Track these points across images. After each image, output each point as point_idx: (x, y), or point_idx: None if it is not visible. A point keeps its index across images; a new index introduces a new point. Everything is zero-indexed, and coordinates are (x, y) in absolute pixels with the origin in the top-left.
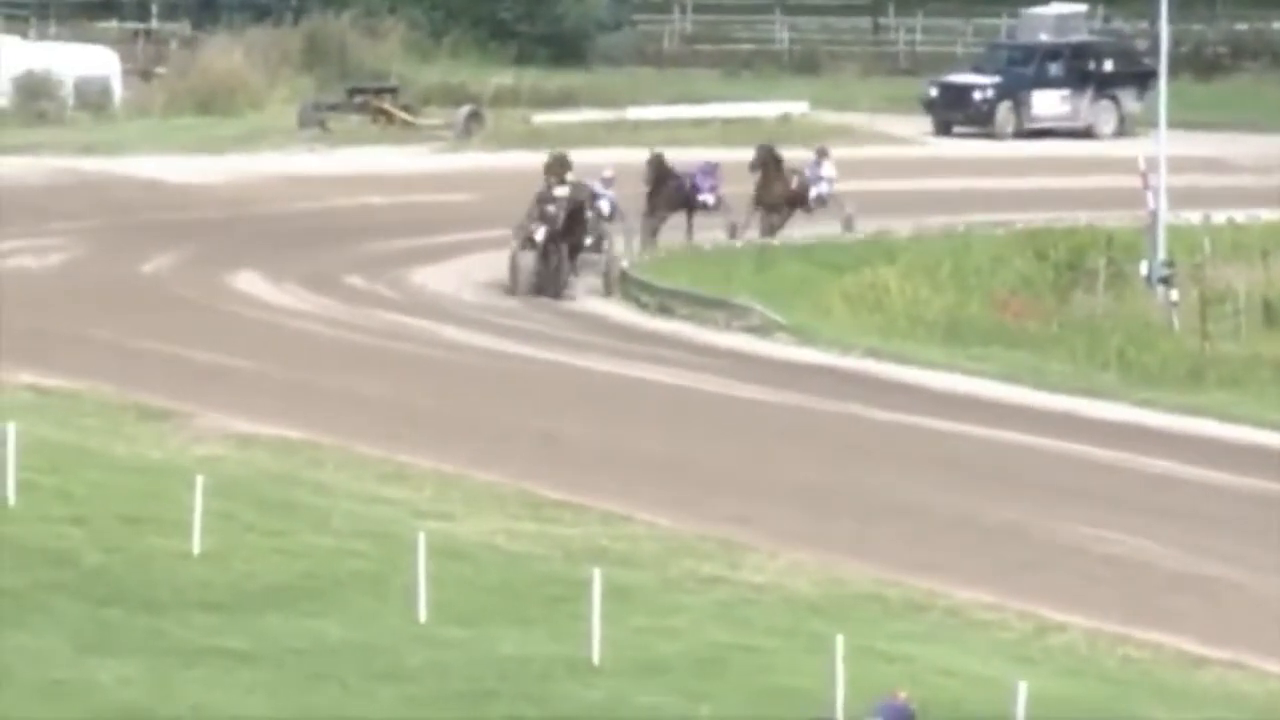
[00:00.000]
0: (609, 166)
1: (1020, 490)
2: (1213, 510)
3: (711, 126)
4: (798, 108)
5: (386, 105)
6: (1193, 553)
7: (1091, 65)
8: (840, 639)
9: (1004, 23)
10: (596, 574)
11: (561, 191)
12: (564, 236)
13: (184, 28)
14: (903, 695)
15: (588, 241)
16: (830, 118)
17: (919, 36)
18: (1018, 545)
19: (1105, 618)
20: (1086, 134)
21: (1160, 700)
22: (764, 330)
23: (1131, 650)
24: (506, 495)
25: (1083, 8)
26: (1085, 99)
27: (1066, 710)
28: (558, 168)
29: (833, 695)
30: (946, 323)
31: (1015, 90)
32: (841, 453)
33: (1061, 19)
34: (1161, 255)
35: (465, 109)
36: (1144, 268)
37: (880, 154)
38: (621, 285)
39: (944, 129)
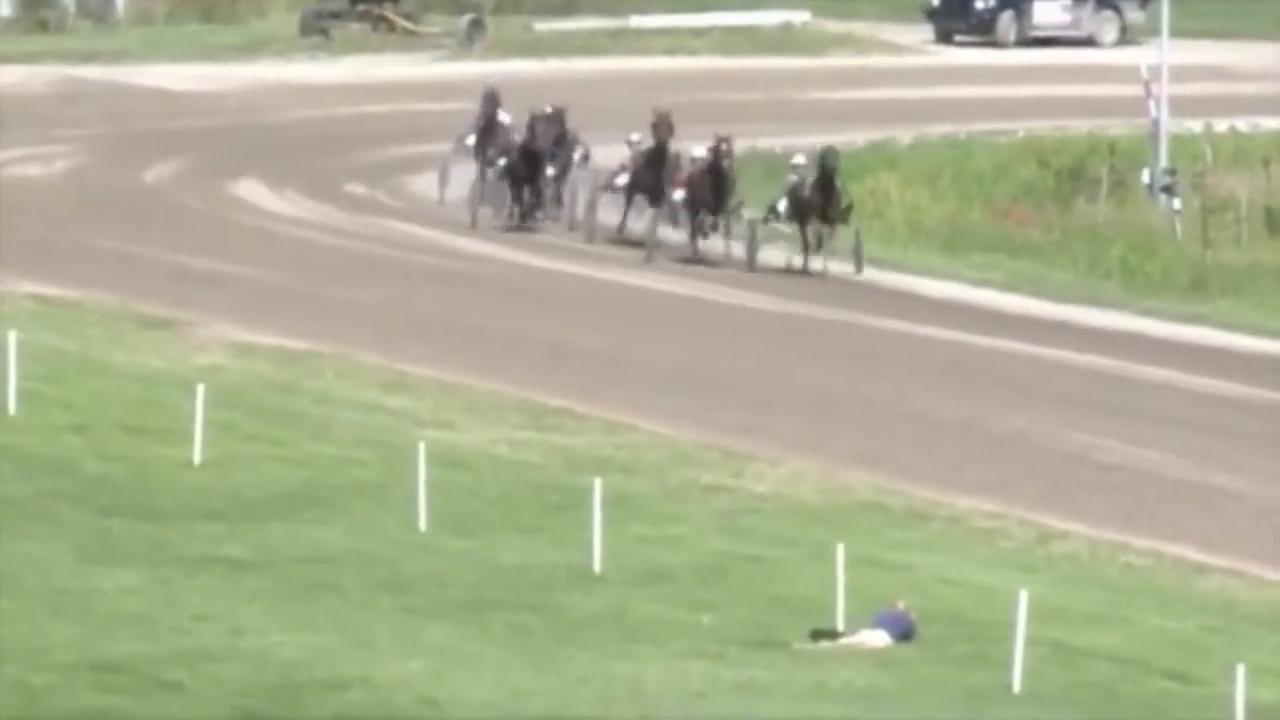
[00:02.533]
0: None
1: (1022, 399)
2: (1215, 419)
3: (712, 35)
4: (799, 16)
5: (388, 13)
6: (1194, 461)
7: None
8: (841, 548)
9: None
10: (598, 483)
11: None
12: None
13: None
14: (902, 604)
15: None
16: (832, 26)
17: None
18: (1020, 454)
19: (1106, 526)
20: (1089, 42)
21: (1160, 607)
22: (767, 239)
23: (1132, 558)
24: (508, 404)
25: None
26: (1087, 7)
27: (1067, 618)
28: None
29: (834, 604)
30: (947, 231)
31: None
32: (844, 362)
33: None
34: (1164, 164)
35: (467, 17)
36: (1146, 176)
37: (882, 63)
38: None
39: (946, 38)
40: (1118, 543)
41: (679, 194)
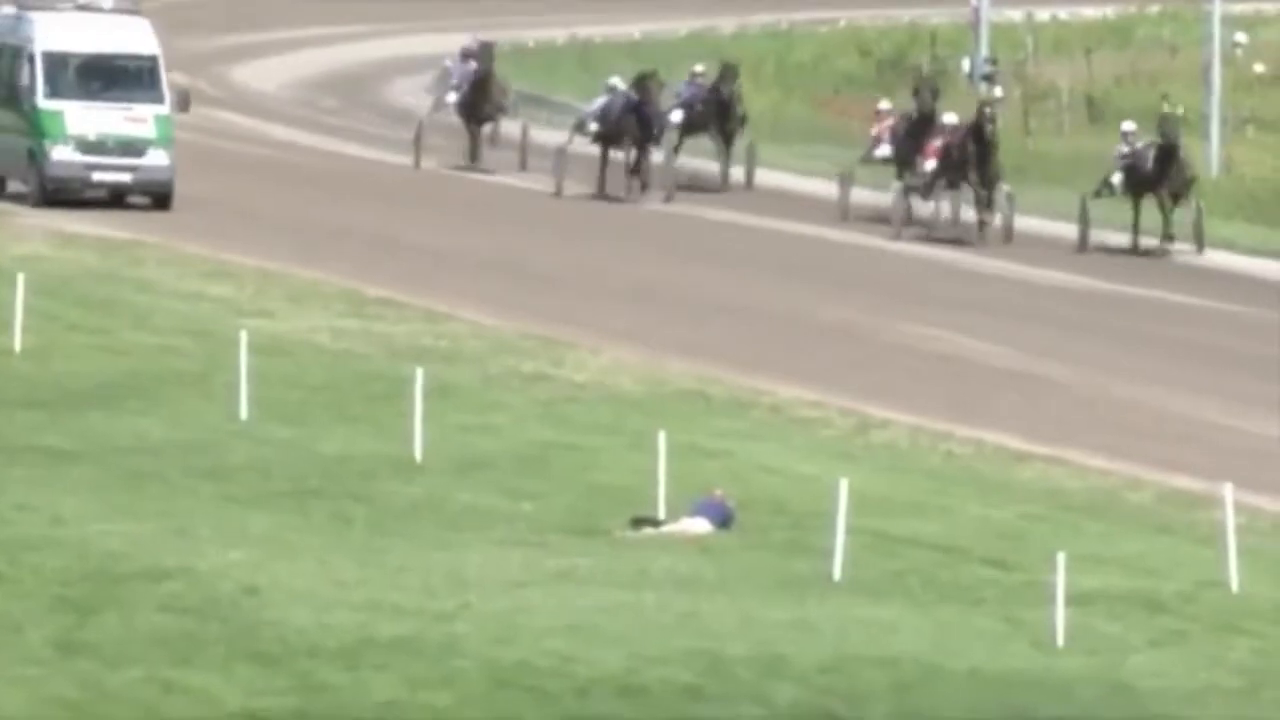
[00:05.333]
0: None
1: (847, 290)
2: (1039, 308)
3: None
4: None
5: None
6: (1017, 350)
7: None
8: (662, 436)
9: None
10: (419, 372)
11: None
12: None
13: None
14: (720, 492)
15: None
16: None
17: None
18: (843, 344)
19: (928, 415)
20: None
21: (981, 495)
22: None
23: (954, 446)
24: (330, 293)
25: None
26: None
27: (887, 506)
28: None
29: (654, 492)
30: (770, 121)
31: None
32: (670, 253)
33: None
34: (984, 53)
35: None
36: (967, 65)
37: None
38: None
39: None
40: (939, 431)
41: (930, 163)
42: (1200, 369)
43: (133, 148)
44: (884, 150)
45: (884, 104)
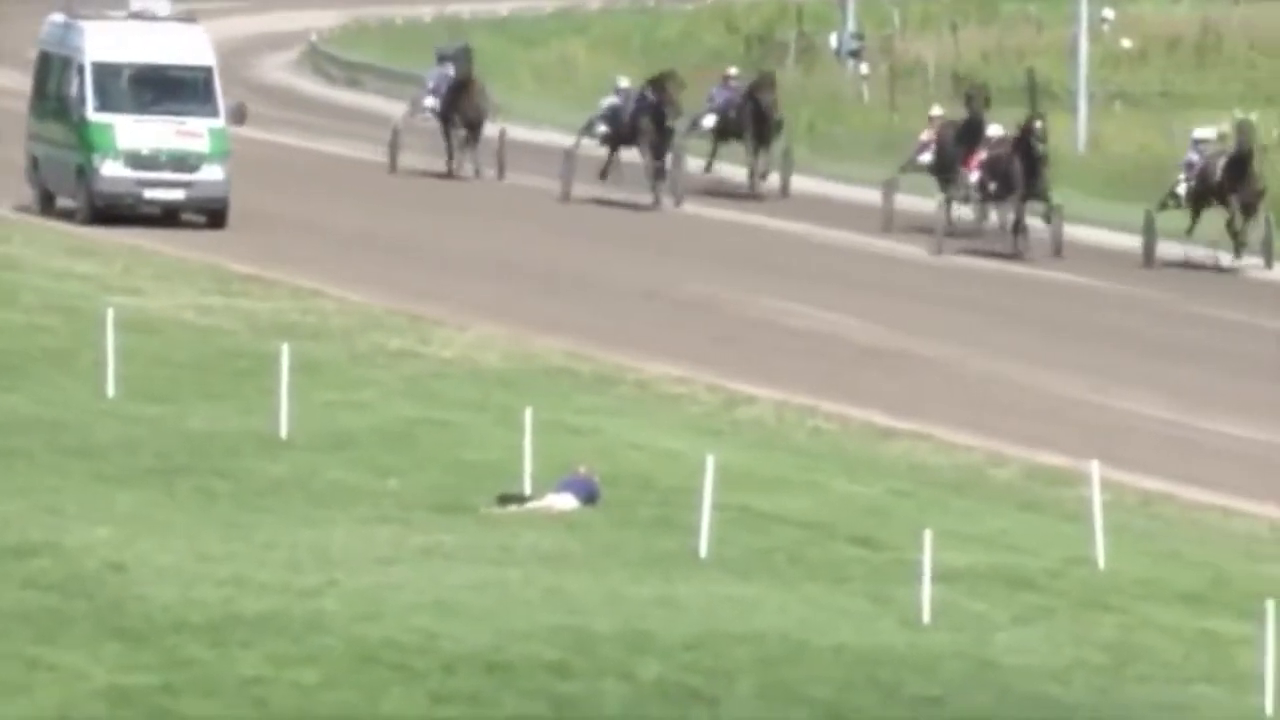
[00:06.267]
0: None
1: (713, 265)
2: (906, 284)
3: None
4: None
5: None
6: (884, 325)
7: None
8: (529, 412)
9: None
10: (285, 348)
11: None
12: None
13: None
14: (584, 469)
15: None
16: None
17: None
18: (709, 320)
19: (794, 390)
20: None
21: (847, 472)
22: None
23: (820, 422)
24: (196, 270)
25: None
26: None
27: (753, 482)
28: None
29: (521, 468)
30: None
31: None
32: (535, 229)
33: None
34: (851, 28)
35: None
36: (834, 40)
37: None
38: (311, 59)
39: None
40: (805, 407)
41: (974, 175)
42: (1066, 344)
43: (186, 163)
44: (927, 158)
45: (936, 109)
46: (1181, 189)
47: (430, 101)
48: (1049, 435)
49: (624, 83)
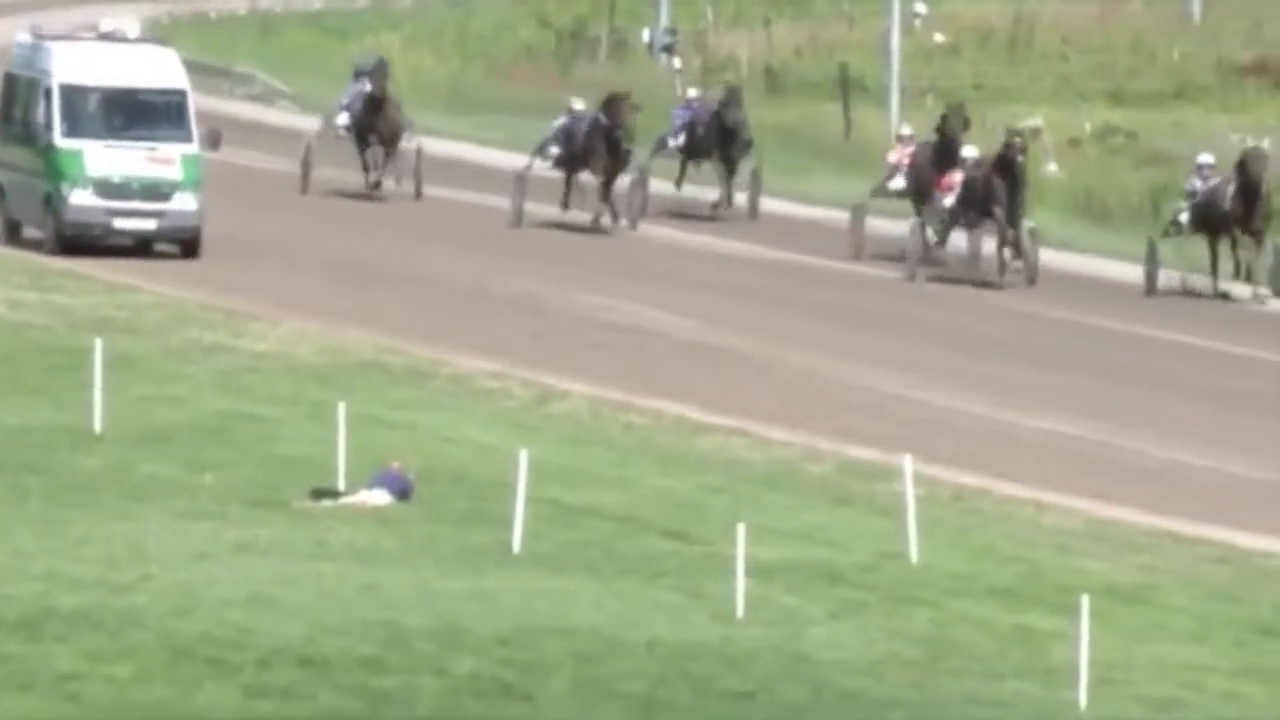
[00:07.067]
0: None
1: (529, 261)
2: (723, 280)
3: None
4: None
5: None
6: (699, 321)
7: None
8: (342, 407)
9: None
10: (98, 343)
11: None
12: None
13: None
14: (396, 464)
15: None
16: None
17: None
18: (524, 315)
19: (608, 386)
20: None
21: (661, 466)
22: (266, 98)
23: (634, 417)
24: (9, 265)
25: None
26: None
27: (567, 477)
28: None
29: (335, 463)
30: (449, 90)
31: None
32: (348, 223)
33: None
34: (664, 23)
35: None
36: (647, 35)
37: None
38: None
39: None
40: (619, 402)
41: (948, 198)
42: (878, 339)
43: (158, 192)
44: (899, 182)
45: (905, 129)
46: (1184, 217)
47: (344, 119)
48: (864, 430)
49: (578, 104)
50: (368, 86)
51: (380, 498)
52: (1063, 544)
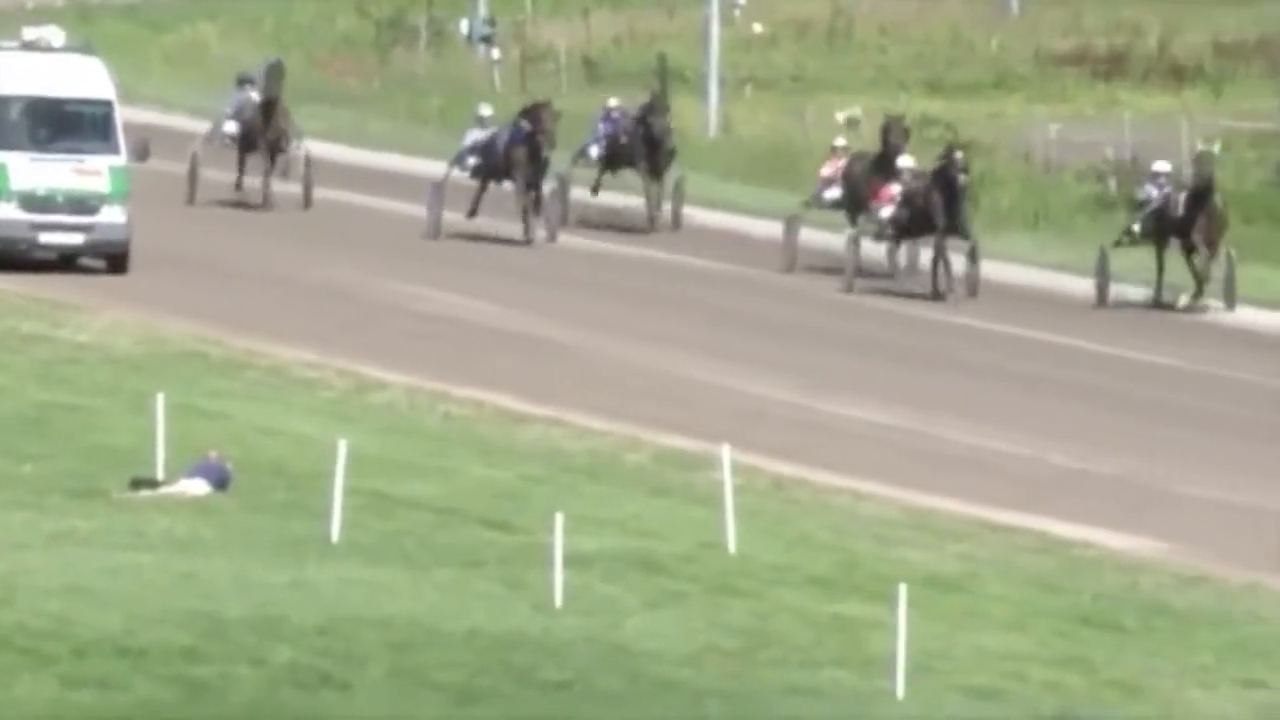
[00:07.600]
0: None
1: (342, 250)
2: (544, 270)
3: None
4: None
5: None
6: (520, 311)
7: None
8: (161, 397)
9: None
10: None
11: None
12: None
13: None
14: (214, 454)
15: None
16: None
17: None
18: (339, 304)
19: (426, 375)
20: None
21: (481, 457)
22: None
23: (453, 407)
24: None
25: None
26: None
27: (386, 468)
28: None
29: (153, 453)
30: None
31: None
32: (164, 216)
33: None
34: (483, 14)
35: None
36: (465, 26)
37: None
38: None
39: None
40: (438, 392)
41: (886, 210)
42: (698, 329)
43: (85, 205)
44: (834, 193)
45: (840, 140)
46: (1138, 226)
47: (231, 127)
48: (682, 420)
49: (486, 110)
50: (254, 95)
51: (199, 487)
52: (880, 533)
